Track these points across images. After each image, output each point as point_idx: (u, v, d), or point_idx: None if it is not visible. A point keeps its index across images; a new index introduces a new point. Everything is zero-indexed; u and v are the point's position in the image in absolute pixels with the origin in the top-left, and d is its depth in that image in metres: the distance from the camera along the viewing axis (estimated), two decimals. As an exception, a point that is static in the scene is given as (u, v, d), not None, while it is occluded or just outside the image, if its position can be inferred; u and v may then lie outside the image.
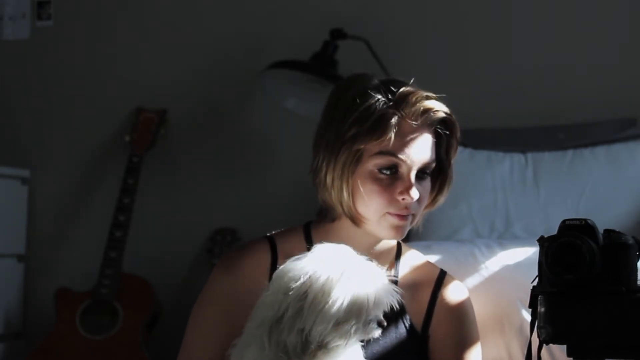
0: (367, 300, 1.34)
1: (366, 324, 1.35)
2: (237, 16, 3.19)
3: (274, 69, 2.85)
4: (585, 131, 2.69)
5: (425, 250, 1.87)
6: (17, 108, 3.37)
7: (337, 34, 2.86)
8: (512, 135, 2.75)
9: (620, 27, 2.87)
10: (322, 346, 1.35)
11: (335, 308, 1.32)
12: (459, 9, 3.00)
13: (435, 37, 3.01)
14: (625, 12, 2.86)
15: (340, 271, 1.35)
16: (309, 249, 1.53)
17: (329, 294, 1.33)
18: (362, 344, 1.41)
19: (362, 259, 1.39)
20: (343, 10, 3.04)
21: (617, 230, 1.32)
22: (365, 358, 1.42)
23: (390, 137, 1.52)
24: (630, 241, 1.30)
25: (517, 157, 2.61)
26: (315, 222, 1.67)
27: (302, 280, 1.35)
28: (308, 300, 1.34)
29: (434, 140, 1.59)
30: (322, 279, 1.34)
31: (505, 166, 2.60)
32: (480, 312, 1.74)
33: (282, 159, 3.11)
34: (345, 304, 1.33)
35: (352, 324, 1.33)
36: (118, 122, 3.23)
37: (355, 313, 1.34)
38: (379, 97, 1.54)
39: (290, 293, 1.35)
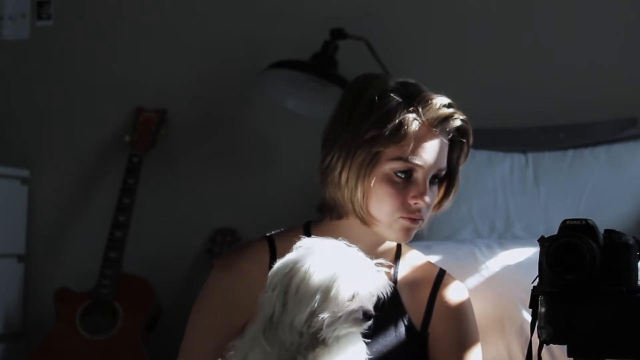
0: (341, 289, 1.32)
1: (348, 315, 1.34)
2: (237, 16, 3.18)
3: (274, 69, 2.85)
4: (586, 131, 2.69)
5: (426, 250, 1.87)
6: (17, 108, 3.37)
7: (337, 34, 2.86)
8: (512, 135, 2.75)
9: (620, 27, 2.87)
10: (320, 342, 1.35)
11: (309, 297, 1.32)
12: (459, 9, 3.00)
13: (435, 37, 3.01)
14: (625, 12, 2.86)
15: (321, 262, 1.34)
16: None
17: (307, 284, 1.32)
18: (367, 340, 1.40)
19: (353, 251, 1.39)
20: (343, 10, 3.04)
21: (618, 230, 1.32)
22: (366, 357, 1.42)
23: (410, 143, 1.52)
24: (631, 241, 1.30)
25: (518, 157, 2.61)
26: (316, 221, 1.67)
27: (283, 272, 1.35)
28: (290, 293, 1.34)
29: (449, 146, 1.59)
30: (302, 270, 1.34)
31: (505, 166, 2.60)
32: (481, 312, 1.74)
33: (282, 159, 3.10)
34: (319, 293, 1.32)
35: (326, 313, 1.32)
36: (118, 122, 3.23)
37: (332, 302, 1.32)
38: (399, 100, 1.54)
39: (277, 289, 1.35)
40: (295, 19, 3.11)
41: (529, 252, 1.94)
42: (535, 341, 1.34)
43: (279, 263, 1.38)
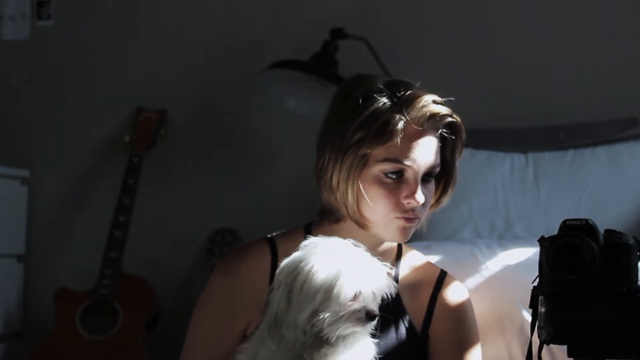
0: (343, 289, 1.32)
1: (350, 314, 1.34)
2: (237, 16, 3.18)
3: (274, 69, 2.85)
4: (586, 131, 2.69)
5: (426, 251, 1.87)
6: (17, 108, 3.37)
7: (337, 34, 2.86)
8: (513, 135, 2.75)
9: (621, 27, 2.87)
10: (324, 342, 1.35)
11: (311, 295, 1.32)
12: (459, 9, 3.00)
13: (435, 37, 3.01)
14: (625, 12, 2.86)
15: (326, 261, 1.34)
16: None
17: (310, 283, 1.32)
18: (376, 340, 1.40)
19: (359, 251, 1.39)
20: (343, 10, 3.04)
21: (618, 230, 1.32)
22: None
23: (397, 143, 1.52)
24: (631, 241, 1.30)
25: (518, 157, 2.61)
26: (317, 223, 1.67)
27: (288, 270, 1.35)
28: (295, 291, 1.34)
29: (439, 143, 1.59)
30: (307, 268, 1.34)
31: (505, 166, 2.60)
32: (481, 312, 1.74)
33: (282, 159, 3.10)
34: (321, 292, 1.32)
35: (328, 312, 1.32)
36: (118, 122, 3.23)
37: (334, 301, 1.32)
38: (385, 100, 1.54)
39: (282, 286, 1.35)
40: (295, 19, 3.11)
41: (529, 252, 1.94)
42: (535, 341, 1.34)
43: (285, 261, 1.39)
